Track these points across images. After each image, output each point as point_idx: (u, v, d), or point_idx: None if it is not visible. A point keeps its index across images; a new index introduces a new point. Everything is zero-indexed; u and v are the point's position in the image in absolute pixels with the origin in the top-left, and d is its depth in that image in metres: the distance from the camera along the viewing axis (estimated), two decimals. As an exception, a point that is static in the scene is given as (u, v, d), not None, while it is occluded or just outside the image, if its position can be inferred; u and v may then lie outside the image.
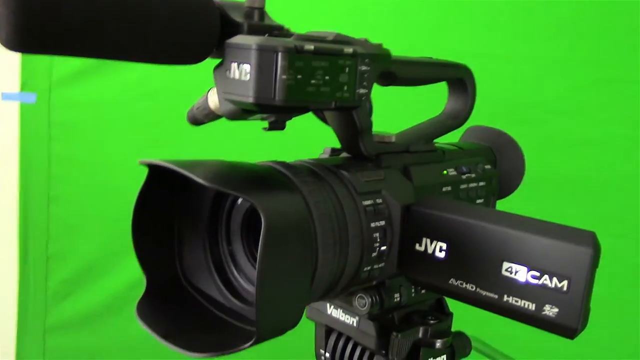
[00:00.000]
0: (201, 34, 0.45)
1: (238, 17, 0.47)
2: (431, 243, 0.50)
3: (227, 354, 0.42)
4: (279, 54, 0.43)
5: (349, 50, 0.47)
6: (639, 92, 1.10)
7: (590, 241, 0.43)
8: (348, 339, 0.59)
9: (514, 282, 0.46)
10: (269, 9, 0.50)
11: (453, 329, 0.61)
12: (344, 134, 0.54)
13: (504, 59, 1.11)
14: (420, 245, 0.51)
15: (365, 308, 0.52)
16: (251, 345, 0.42)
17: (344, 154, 0.56)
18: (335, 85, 0.47)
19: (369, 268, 0.50)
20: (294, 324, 0.44)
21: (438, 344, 0.57)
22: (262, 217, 0.40)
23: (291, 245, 0.42)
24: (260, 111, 0.47)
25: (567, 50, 1.10)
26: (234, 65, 0.45)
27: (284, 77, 0.43)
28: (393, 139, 0.56)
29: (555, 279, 0.44)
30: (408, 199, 0.52)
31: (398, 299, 0.54)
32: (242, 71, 0.44)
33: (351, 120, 0.52)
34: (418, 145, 0.58)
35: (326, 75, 0.46)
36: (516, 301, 0.46)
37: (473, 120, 1.13)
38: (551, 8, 1.11)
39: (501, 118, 1.11)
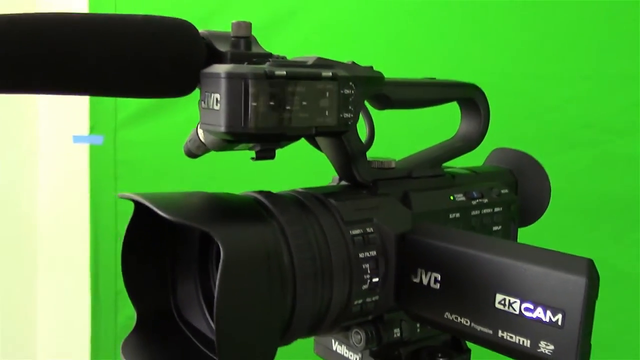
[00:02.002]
0: (187, 65, 0.44)
1: (224, 47, 0.46)
2: (426, 274, 0.47)
3: None
4: (248, 81, 0.42)
5: (327, 73, 0.45)
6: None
7: (584, 269, 0.39)
8: (356, 377, 0.56)
9: (508, 315, 0.42)
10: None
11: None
12: (337, 161, 0.52)
13: (553, 78, 1.05)
14: (416, 276, 0.48)
15: (361, 344, 0.50)
16: None
17: (343, 182, 0.54)
18: (316, 110, 0.45)
19: (360, 301, 0.47)
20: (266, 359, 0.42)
21: (448, 383, 0.53)
22: (221, 248, 0.38)
23: (256, 277, 0.40)
24: (236, 141, 0.46)
25: (621, 67, 1.02)
26: (207, 95, 0.44)
27: (254, 104, 0.42)
28: (393, 165, 0.54)
29: (549, 312, 0.40)
30: (404, 227, 0.49)
31: (398, 334, 0.51)
32: (214, 100, 0.43)
33: (342, 146, 0.50)
34: (422, 170, 0.55)
35: (303, 101, 0.44)
36: (511, 337, 0.42)
37: (518, 144, 1.08)
38: (601, 24, 1.04)
39: (552, 141, 1.06)
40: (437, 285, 0.46)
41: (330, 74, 0.45)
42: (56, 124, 1.72)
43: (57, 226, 1.74)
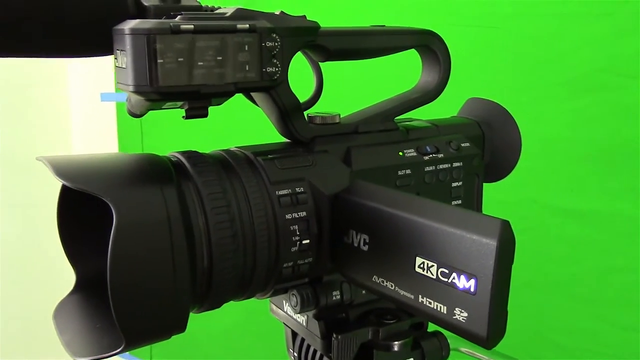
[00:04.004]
0: (110, 22, 0.43)
1: (152, 1, 0.44)
2: (356, 235, 0.45)
3: (100, 359, 0.40)
4: (152, 37, 0.40)
5: (243, 25, 0.43)
6: None
7: (495, 232, 0.35)
8: (310, 338, 0.54)
9: (426, 280, 0.39)
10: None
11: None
12: (272, 118, 0.49)
13: (566, 19, 0.98)
14: (348, 237, 0.45)
15: (297, 307, 0.48)
16: (122, 352, 0.39)
17: (286, 140, 0.52)
18: (234, 65, 0.43)
19: (290, 264, 0.46)
20: (177, 325, 0.41)
21: (396, 346, 0.51)
22: (114, 213, 0.37)
23: (154, 241, 0.39)
24: (150, 100, 0.44)
25: (637, 7, 0.94)
26: (118, 53, 0.42)
27: (161, 61, 0.40)
28: (337, 120, 0.51)
29: (463, 278, 0.37)
30: (340, 186, 0.47)
31: (338, 297, 0.49)
32: (123, 59, 0.42)
33: (274, 102, 0.47)
34: (371, 124, 0.52)
35: (218, 56, 0.42)
36: (429, 303, 0.39)
37: (532, 89, 1.01)
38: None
39: (567, 86, 1.00)
40: (366, 247, 0.44)
41: (247, 25, 0.43)
42: (85, 83, 1.75)
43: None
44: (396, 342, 0.51)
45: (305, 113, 0.51)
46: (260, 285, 0.46)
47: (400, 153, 0.51)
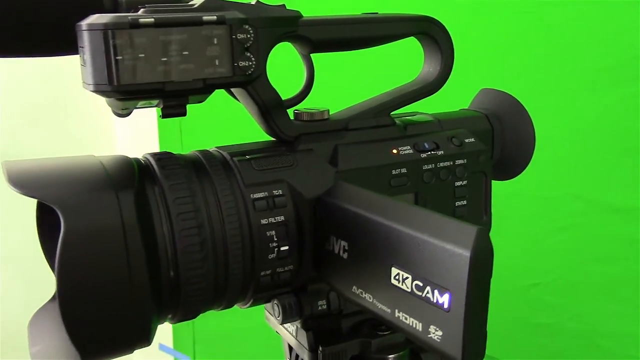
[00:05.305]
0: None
1: None
2: (336, 242, 0.41)
3: None
4: (110, 32, 0.38)
5: (211, 17, 0.40)
6: None
7: (469, 241, 0.31)
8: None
9: (402, 293, 0.35)
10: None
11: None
12: (253, 115, 0.46)
13: (604, 5, 0.90)
14: (329, 244, 0.42)
15: (280, 317, 0.45)
16: None
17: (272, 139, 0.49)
18: (202, 60, 0.40)
19: (268, 272, 0.42)
20: (139, 337, 0.38)
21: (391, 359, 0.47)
22: (61, 221, 0.35)
23: (105, 250, 0.36)
24: (123, 99, 0.41)
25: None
26: (80, 50, 0.40)
27: (119, 57, 0.38)
28: (326, 116, 0.47)
29: (437, 292, 0.33)
30: (322, 188, 0.43)
31: (325, 306, 0.46)
32: (83, 56, 0.40)
33: (252, 99, 0.44)
34: (363, 120, 0.48)
35: (184, 50, 0.39)
36: (405, 318, 0.35)
37: (569, 78, 0.94)
38: None
39: (610, 72, 0.93)
40: (345, 255, 0.40)
41: (215, 17, 0.40)
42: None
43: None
44: (391, 356, 0.47)
45: (293, 109, 0.48)
46: (236, 294, 0.43)
47: (395, 150, 0.47)
